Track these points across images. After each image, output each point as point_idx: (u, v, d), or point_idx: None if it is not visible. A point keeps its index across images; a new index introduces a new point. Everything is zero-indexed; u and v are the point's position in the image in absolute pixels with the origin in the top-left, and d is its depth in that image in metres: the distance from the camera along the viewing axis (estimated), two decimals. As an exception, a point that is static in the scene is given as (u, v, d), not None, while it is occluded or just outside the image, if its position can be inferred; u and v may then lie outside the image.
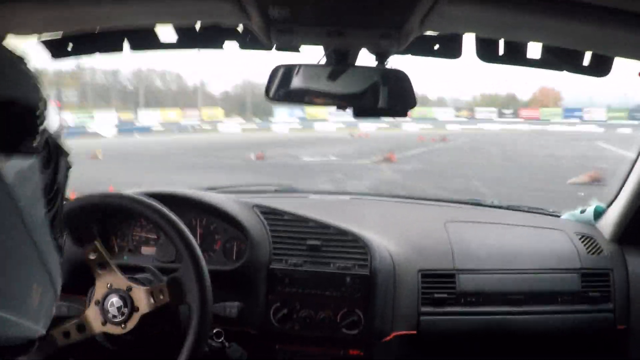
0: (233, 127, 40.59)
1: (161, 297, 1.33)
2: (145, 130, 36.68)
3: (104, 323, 1.32)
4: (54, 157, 0.76)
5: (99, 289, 1.34)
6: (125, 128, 37.01)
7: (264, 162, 18.46)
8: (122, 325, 1.31)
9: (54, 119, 0.76)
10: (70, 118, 37.40)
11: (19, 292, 0.69)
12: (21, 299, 0.70)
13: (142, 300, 1.32)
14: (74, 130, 34.45)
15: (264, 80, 1.33)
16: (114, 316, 1.31)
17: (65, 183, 0.83)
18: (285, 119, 43.83)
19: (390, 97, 1.43)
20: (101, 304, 1.32)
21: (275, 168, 16.45)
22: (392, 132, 38.08)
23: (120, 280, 1.34)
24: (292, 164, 18.13)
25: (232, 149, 23.42)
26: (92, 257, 1.34)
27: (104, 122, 36.78)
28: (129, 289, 1.32)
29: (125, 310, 1.31)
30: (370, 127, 38.51)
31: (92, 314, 1.33)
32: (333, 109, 1.47)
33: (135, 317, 1.32)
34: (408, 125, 40.14)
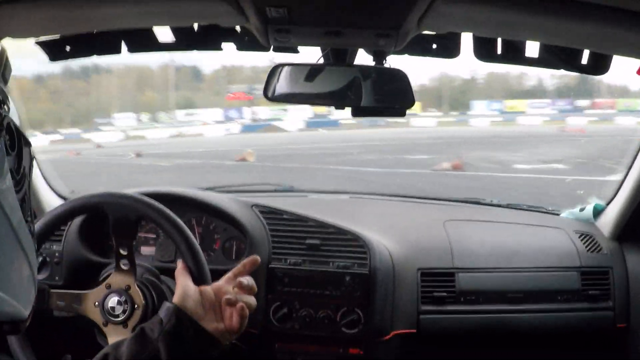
0: (427, 120, 36.09)
1: (159, 296, 1.34)
2: (333, 124, 34.05)
3: (106, 324, 1.32)
4: (17, 142, 0.78)
5: (99, 291, 1.34)
6: (314, 122, 35.33)
7: (464, 175, 13.54)
8: (124, 325, 1.31)
9: (13, 109, 0.79)
10: (265, 112, 36.65)
11: (1, 268, 0.72)
12: (4, 276, 0.73)
13: (142, 298, 1.33)
14: (257, 125, 34.59)
15: (460, 72, 1.29)
16: (115, 315, 1.31)
17: (30, 171, 0.85)
18: (484, 111, 39.55)
19: (389, 96, 1.43)
20: (101, 305, 1.32)
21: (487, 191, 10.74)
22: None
23: (118, 280, 1.34)
24: (501, 177, 13.06)
25: (423, 150, 19.05)
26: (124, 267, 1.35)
27: (296, 116, 35.35)
28: (128, 287, 1.33)
29: (126, 307, 1.31)
30: (580, 120, 32.08)
31: (93, 315, 1.34)
32: (532, 100, 1.45)
33: (137, 314, 1.32)
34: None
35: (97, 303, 1.33)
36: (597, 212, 2.18)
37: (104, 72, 42.74)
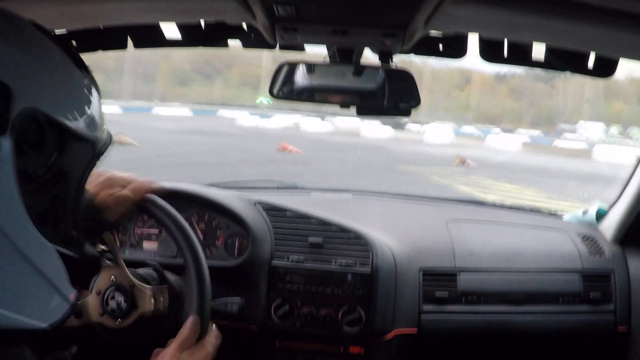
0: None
1: (162, 299, 1.34)
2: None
3: (102, 314, 1.32)
4: (50, 138, 0.74)
5: (103, 280, 1.34)
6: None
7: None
8: (118, 320, 1.31)
9: (53, 99, 0.75)
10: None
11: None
12: (8, 294, 0.70)
13: (143, 299, 1.32)
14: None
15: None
16: (113, 310, 1.31)
17: (81, 168, 0.81)
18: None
19: (395, 96, 1.44)
20: (102, 295, 1.32)
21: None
22: None
23: (124, 276, 1.34)
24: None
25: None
26: (100, 248, 1.34)
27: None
28: (132, 286, 1.32)
29: (125, 306, 1.31)
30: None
31: (92, 303, 1.33)
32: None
33: (134, 315, 1.31)
34: None
35: (99, 291, 1.32)
36: (600, 215, 2.18)
37: (567, 79, 39.47)
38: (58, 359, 0.94)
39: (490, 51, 1.32)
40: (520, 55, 1.33)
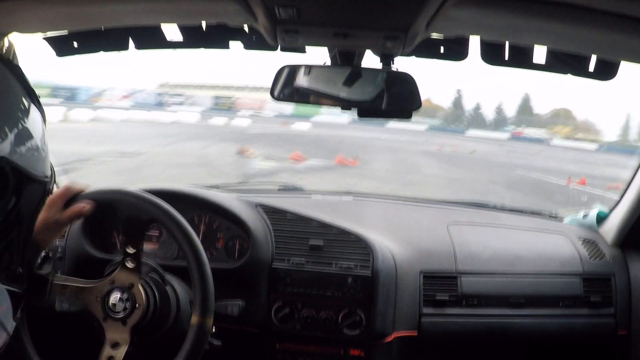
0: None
1: (162, 298, 1.34)
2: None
3: (105, 319, 1.32)
4: (11, 184, 0.70)
5: (102, 286, 1.34)
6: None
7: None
8: (123, 322, 1.31)
9: (14, 145, 0.70)
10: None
11: None
12: None
13: (143, 298, 1.33)
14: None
15: None
16: (116, 312, 1.31)
17: (33, 210, 0.78)
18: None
19: (396, 98, 1.43)
20: (102, 299, 1.33)
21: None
22: None
23: (123, 277, 1.34)
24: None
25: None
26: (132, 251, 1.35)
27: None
28: (131, 285, 1.33)
29: (127, 305, 1.31)
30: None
31: (94, 308, 1.34)
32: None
33: (137, 313, 1.32)
34: None
35: (98, 297, 1.33)
36: (600, 219, 2.18)
37: None
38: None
39: (491, 54, 1.32)
40: (521, 58, 1.33)
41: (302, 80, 1.44)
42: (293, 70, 1.43)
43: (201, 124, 28.95)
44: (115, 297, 1.32)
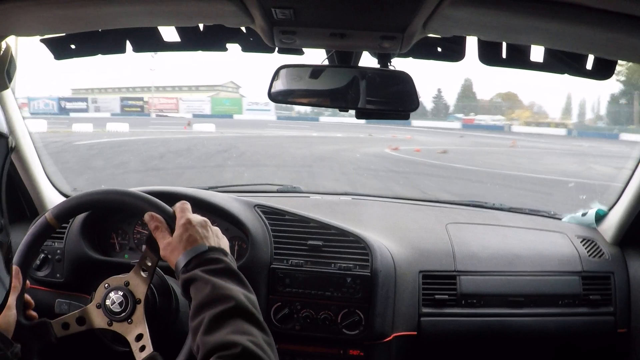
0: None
1: (161, 289, 1.34)
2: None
3: (110, 324, 1.31)
4: None
5: (98, 292, 1.33)
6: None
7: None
8: (129, 321, 1.30)
9: None
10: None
11: None
12: None
13: (142, 289, 1.31)
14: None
15: None
16: (117, 313, 1.30)
17: (1, 162, 0.87)
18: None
19: (393, 99, 1.43)
20: (102, 305, 1.32)
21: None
22: None
23: (116, 278, 1.33)
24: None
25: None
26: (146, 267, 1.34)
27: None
28: (127, 283, 1.32)
29: (127, 302, 1.30)
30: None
31: (95, 315, 1.33)
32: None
33: (139, 309, 1.30)
34: None
35: (98, 304, 1.32)
36: (599, 217, 2.18)
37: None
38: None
39: (488, 54, 1.32)
40: (518, 58, 1.33)
41: (299, 80, 1.44)
42: (291, 70, 1.43)
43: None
44: (112, 297, 1.31)
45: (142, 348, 1.25)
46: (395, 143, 21.43)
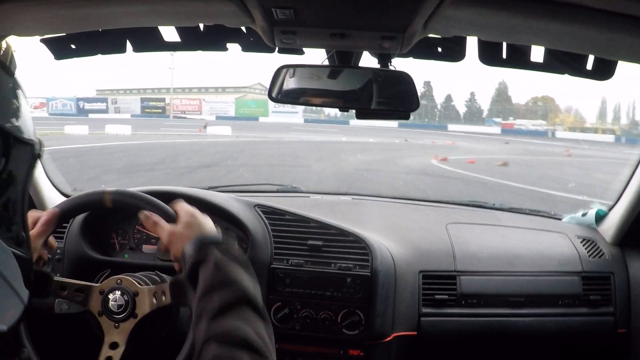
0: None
1: (163, 298, 1.33)
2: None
3: (100, 314, 1.31)
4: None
5: (109, 281, 1.33)
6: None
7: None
8: (116, 325, 1.29)
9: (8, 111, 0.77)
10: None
11: None
12: None
13: (143, 305, 1.31)
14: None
15: None
16: (112, 312, 1.30)
17: (25, 171, 0.85)
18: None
19: (394, 99, 1.43)
20: (105, 294, 1.31)
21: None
22: None
23: (130, 281, 1.33)
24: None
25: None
26: None
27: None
28: (136, 293, 1.31)
29: (126, 312, 1.30)
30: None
31: (93, 298, 1.33)
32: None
33: (131, 322, 1.30)
34: None
35: (102, 291, 1.31)
36: (599, 217, 2.18)
37: None
38: None
39: (489, 54, 1.32)
40: (519, 58, 1.33)
41: (300, 81, 1.44)
42: (291, 71, 1.43)
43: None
44: (116, 297, 1.31)
45: (109, 359, 1.25)
46: (437, 151, 18.69)
